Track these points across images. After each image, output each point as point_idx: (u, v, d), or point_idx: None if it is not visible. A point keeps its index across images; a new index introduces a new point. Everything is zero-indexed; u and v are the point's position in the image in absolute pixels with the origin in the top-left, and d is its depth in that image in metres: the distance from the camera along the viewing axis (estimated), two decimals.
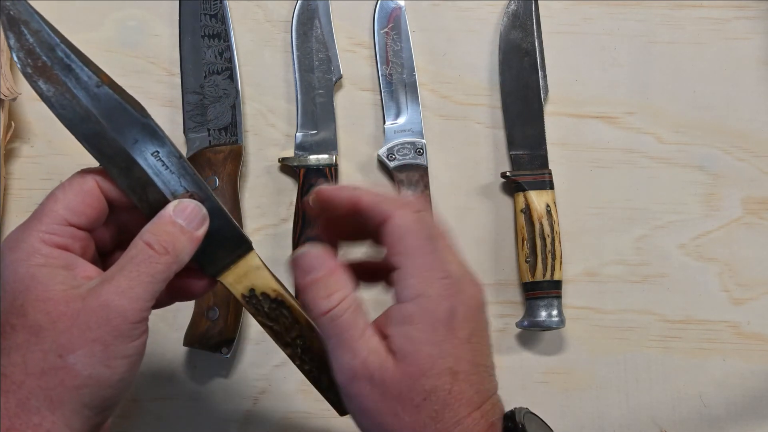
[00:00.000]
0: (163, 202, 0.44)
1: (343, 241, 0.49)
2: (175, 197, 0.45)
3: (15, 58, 0.44)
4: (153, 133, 0.45)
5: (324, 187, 0.46)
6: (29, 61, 0.44)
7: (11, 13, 0.44)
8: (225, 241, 0.45)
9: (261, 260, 0.46)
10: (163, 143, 0.45)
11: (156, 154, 0.45)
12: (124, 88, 0.46)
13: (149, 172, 0.45)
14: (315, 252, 0.45)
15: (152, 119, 0.45)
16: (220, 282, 0.46)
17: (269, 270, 0.47)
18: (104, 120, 0.44)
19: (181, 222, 0.43)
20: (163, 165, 0.45)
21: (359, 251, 0.49)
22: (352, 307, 0.43)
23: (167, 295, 0.46)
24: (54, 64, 0.44)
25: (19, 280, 0.41)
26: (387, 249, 0.44)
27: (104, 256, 0.47)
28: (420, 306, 0.43)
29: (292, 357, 0.46)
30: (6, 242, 0.43)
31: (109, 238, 0.47)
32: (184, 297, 0.47)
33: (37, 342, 0.40)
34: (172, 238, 0.43)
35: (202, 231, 0.44)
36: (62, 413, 0.40)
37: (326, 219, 0.47)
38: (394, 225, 0.44)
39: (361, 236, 0.47)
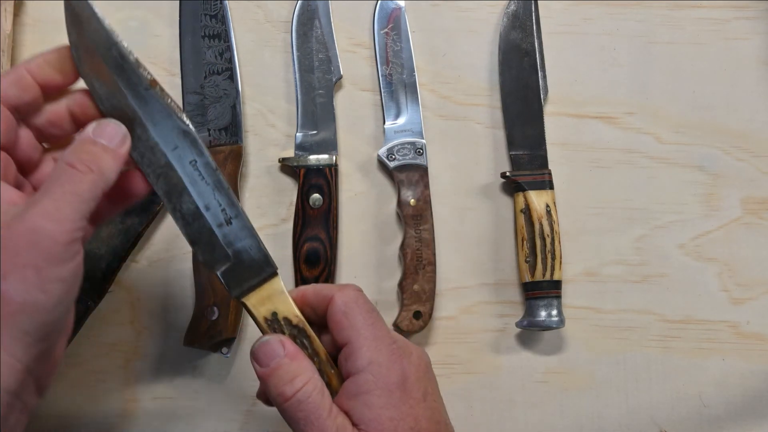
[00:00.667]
0: (197, 214, 0.45)
1: None
2: (208, 210, 0.46)
3: (74, 55, 0.45)
4: (193, 141, 0.46)
5: None
6: (86, 58, 0.45)
7: (75, 10, 0.44)
8: (252, 262, 0.46)
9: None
10: (201, 153, 0.46)
11: (194, 163, 0.46)
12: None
13: (185, 180, 0.46)
14: (273, 340, 0.46)
15: (193, 128, 0.46)
16: (243, 303, 0.47)
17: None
18: (148, 123, 0.45)
19: (102, 141, 0.43)
20: (199, 175, 0.46)
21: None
22: (317, 389, 0.45)
23: (108, 205, 0.46)
24: (108, 63, 0.45)
25: None
26: (333, 328, 0.47)
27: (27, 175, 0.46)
28: (373, 373, 0.45)
29: None
30: None
31: (28, 154, 0.46)
32: (123, 202, 0.47)
33: None
34: (95, 157, 0.42)
35: (124, 149, 0.44)
36: (1, 341, 0.39)
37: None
38: (338, 303, 0.47)
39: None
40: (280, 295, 0.47)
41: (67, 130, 0.46)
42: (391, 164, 0.67)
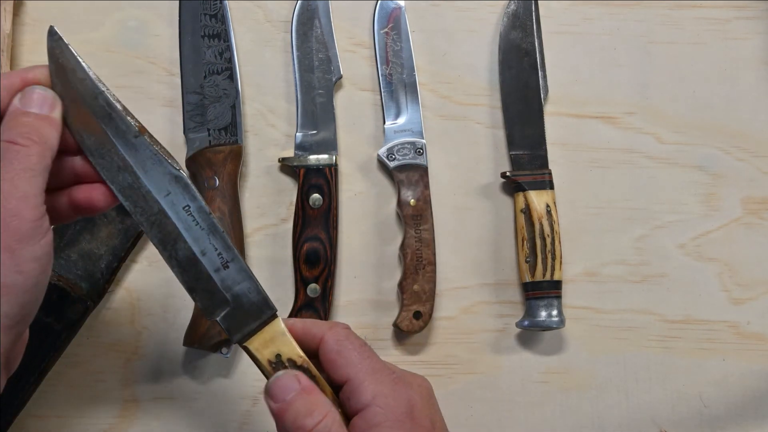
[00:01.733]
0: (193, 260, 0.45)
1: None
2: (204, 255, 0.45)
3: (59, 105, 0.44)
4: (185, 186, 0.46)
5: None
6: (73, 108, 0.44)
7: (60, 61, 0.44)
8: (251, 305, 0.46)
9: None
10: (194, 198, 0.46)
11: (187, 208, 0.46)
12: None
13: (179, 226, 0.45)
14: (287, 375, 0.45)
15: (184, 173, 0.46)
16: (245, 347, 0.46)
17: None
18: (139, 170, 0.45)
19: (33, 110, 0.43)
20: (193, 220, 0.46)
21: None
22: (337, 422, 0.44)
23: (71, 209, 0.45)
24: (96, 113, 0.45)
25: None
26: (329, 368, 0.46)
27: None
28: (380, 405, 0.44)
29: None
30: None
31: None
32: (87, 211, 0.46)
33: None
34: (32, 128, 0.42)
35: (57, 112, 0.43)
36: None
37: None
38: (330, 342, 0.46)
39: None
40: (282, 337, 0.46)
41: None
42: (391, 164, 0.67)
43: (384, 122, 0.68)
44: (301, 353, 0.46)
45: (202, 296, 0.46)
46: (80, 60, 0.44)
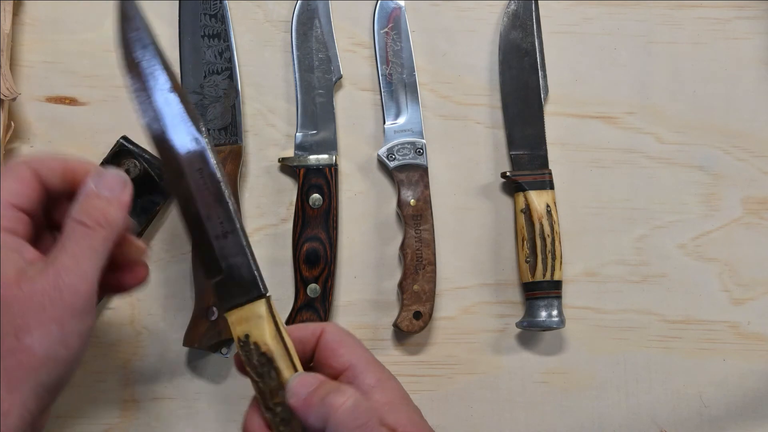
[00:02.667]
0: (199, 221, 0.47)
1: None
2: (208, 220, 0.46)
3: (119, 49, 0.48)
4: (201, 150, 0.47)
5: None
6: (125, 54, 0.48)
7: (123, 9, 0.48)
8: (241, 280, 0.47)
9: (272, 314, 0.47)
10: (207, 163, 0.47)
11: (200, 171, 0.47)
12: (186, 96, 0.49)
13: (193, 187, 0.47)
14: (308, 374, 0.46)
15: (204, 137, 0.47)
16: (225, 318, 0.47)
17: (278, 326, 0.47)
18: (168, 124, 0.47)
19: (105, 193, 0.45)
20: (204, 183, 0.47)
21: None
22: (363, 399, 0.45)
23: (99, 289, 0.46)
24: (142, 61, 0.47)
25: None
26: (330, 356, 0.47)
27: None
28: (385, 388, 0.47)
29: (271, 425, 0.46)
30: None
31: (38, 224, 0.47)
32: (116, 291, 0.48)
33: None
34: (102, 211, 0.44)
35: (126, 195, 0.45)
36: (20, 394, 0.40)
37: None
38: (332, 333, 0.48)
39: None
40: (257, 320, 0.46)
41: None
42: (391, 164, 0.67)
43: (384, 122, 0.68)
44: (270, 343, 0.46)
45: (203, 256, 0.47)
46: (139, 11, 0.48)
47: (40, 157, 0.46)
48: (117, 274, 0.48)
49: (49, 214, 0.48)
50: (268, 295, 0.47)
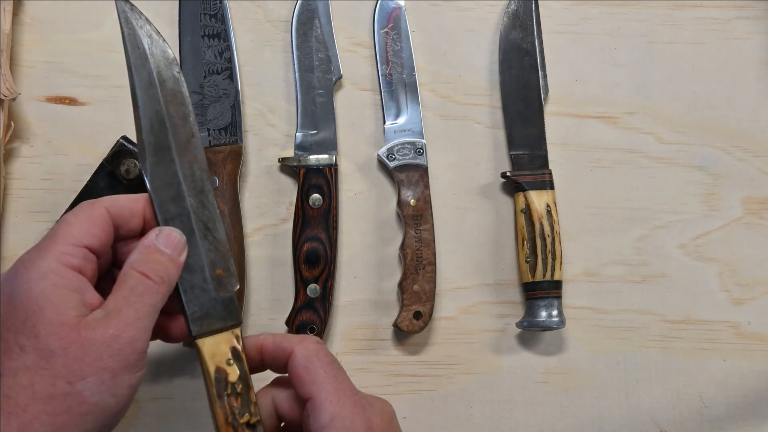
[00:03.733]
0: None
1: None
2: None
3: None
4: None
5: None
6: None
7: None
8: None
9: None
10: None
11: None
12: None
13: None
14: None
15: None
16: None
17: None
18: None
19: (167, 251, 0.45)
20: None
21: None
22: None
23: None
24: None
25: (32, 300, 0.41)
26: (296, 383, 0.47)
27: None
28: (337, 429, 0.45)
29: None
30: (20, 261, 0.43)
31: (103, 265, 0.47)
32: (164, 338, 0.49)
33: (47, 366, 0.40)
34: (165, 267, 0.44)
35: (183, 257, 0.46)
36: None
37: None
38: (298, 357, 0.47)
39: None
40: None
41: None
42: (391, 164, 0.67)
43: (384, 122, 0.68)
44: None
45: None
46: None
47: (118, 199, 0.46)
48: (166, 324, 0.48)
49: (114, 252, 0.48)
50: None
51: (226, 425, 0.46)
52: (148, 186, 0.46)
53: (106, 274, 0.47)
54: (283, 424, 0.50)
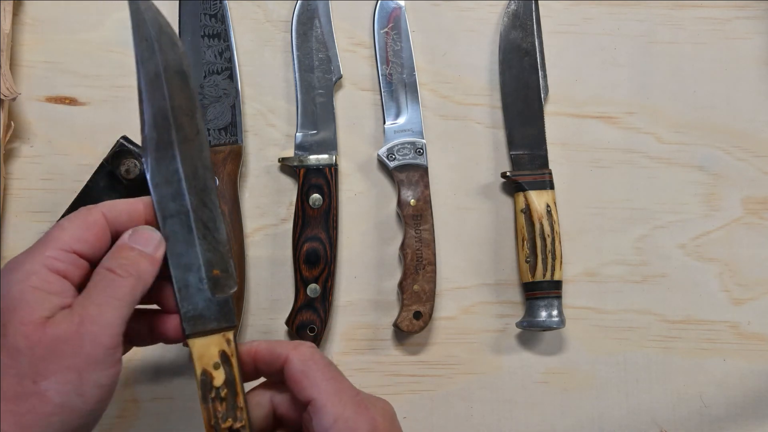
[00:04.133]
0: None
1: None
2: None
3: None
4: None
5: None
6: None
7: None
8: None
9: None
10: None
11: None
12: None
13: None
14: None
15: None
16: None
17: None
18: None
19: (138, 246, 0.44)
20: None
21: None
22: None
23: (149, 335, 0.47)
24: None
25: (9, 299, 0.41)
26: (294, 388, 0.46)
27: None
28: (341, 429, 0.45)
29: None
30: (8, 263, 0.43)
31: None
32: (163, 339, 0.48)
33: (13, 365, 0.40)
34: (133, 262, 0.44)
35: (160, 253, 0.45)
36: None
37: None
38: (294, 362, 0.46)
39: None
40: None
41: None
42: (391, 164, 0.67)
43: (384, 122, 0.68)
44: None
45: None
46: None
47: (116, 203, 0.46)
48: (157, 324, 0.47)
49: None
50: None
51: (210, 428, 0.46)
52: (149, 182, 0.45)
53: None
54: None
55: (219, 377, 0.46)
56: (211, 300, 0.46)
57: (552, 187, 0.66)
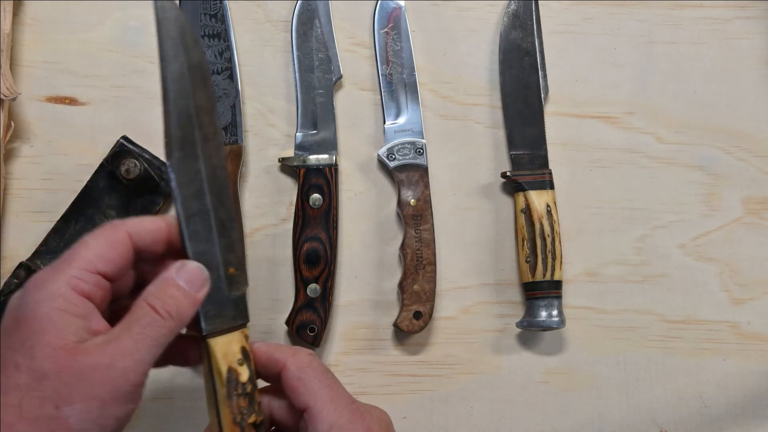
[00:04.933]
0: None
1: None
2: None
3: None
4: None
5: None
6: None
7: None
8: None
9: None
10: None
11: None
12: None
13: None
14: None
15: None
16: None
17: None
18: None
19: (183, 285, 0.44)
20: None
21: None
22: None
23: (162, 358, 0.47)
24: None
25: (36, 321, 0.41)
26: (290, 394, 0.46)
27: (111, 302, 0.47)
28: None
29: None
30: (33, 280, 0.42)
31: (123, 287, 0.47)
32: (180, 363, 0.48)
33: (37, 388, 0.40)
34: (176, 302, 0.43)
35: (202, 294, 0.45)
36: None
37: None
38: (292, 369, 0.46)
39: None
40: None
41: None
42: (391, 164, 0.67)
43: (384, 122, 0.68)
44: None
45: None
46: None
47: (142, 222, 0.45)
48: (179, 347, 0.47)
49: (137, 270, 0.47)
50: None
51: (234, 425, 0.46)
52: (173, 182, 0.45)
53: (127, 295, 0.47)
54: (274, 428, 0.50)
55: (244, 373, 0.46)
56: (229, 298, 0.46)
57: (552, 187, 0.66)
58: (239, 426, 0.46)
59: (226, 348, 0.46)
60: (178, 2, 0.67)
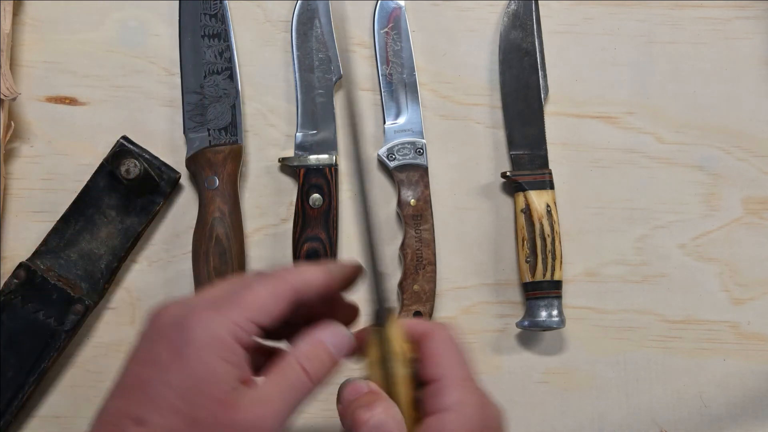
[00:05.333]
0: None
1: None
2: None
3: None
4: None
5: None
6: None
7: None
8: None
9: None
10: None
11: None
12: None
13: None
14: (358, 380, 0.45)
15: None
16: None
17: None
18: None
19: (333, 350, 0.44)
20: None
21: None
22: (396, 420, 0.44)
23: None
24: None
25: (200, 366, 0.40)
26: (427, 361, 0.46)
27: None
28: (461, 414, 0.44)
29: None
30: (194, 314, 0.42)
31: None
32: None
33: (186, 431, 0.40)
34: (324, 367, 0.43)
35: (341, 358, 0.45)
36: None
37: None
38: (437, 340, 0.46)
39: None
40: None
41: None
42: (391, 164, 0.67)
43: (384, 122, 0.68)
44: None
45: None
46: None
47: (304, 275, 0.44)
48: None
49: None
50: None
51: (412, 411, 0.46)
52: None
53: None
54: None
55: (409, 351, 0.46)
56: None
57: (552, 187, 0.66)
58: (415, 399, 0.46)
59: (397, 331, 0.46)
60: (178, 2, 0.67)
